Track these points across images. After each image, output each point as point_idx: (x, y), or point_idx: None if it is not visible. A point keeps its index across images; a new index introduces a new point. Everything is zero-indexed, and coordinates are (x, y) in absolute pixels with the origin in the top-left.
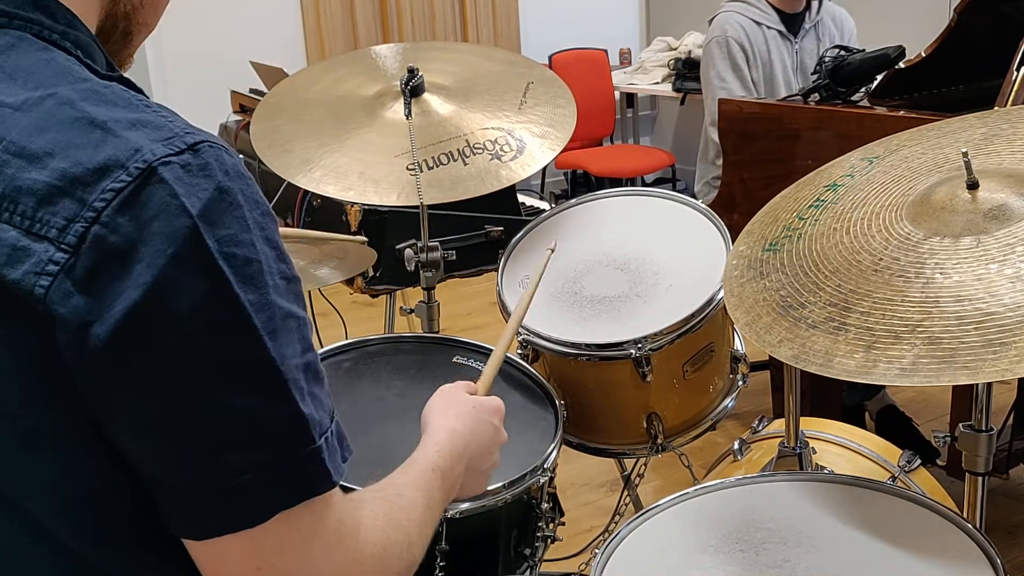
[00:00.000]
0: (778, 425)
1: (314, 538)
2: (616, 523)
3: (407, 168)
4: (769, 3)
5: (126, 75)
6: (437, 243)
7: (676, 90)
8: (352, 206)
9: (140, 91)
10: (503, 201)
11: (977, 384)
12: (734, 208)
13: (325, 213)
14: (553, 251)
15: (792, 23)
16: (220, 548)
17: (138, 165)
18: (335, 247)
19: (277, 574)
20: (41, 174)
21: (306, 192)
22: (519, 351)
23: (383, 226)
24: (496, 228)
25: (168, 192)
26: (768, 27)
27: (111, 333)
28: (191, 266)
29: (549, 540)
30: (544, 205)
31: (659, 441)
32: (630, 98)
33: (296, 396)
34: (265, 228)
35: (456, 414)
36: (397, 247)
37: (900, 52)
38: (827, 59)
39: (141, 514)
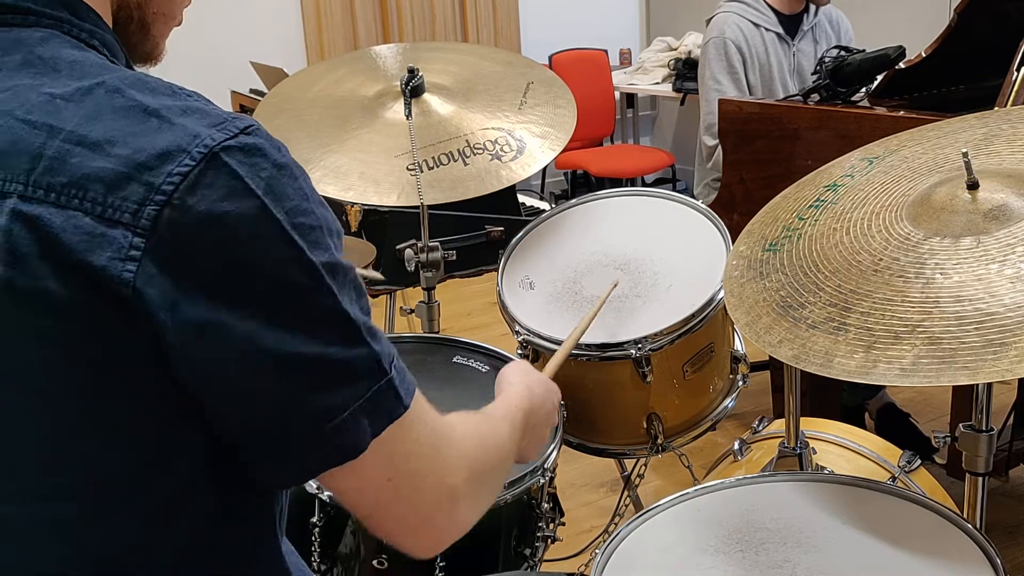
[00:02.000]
0: (778, 425)
1: (413, 444)
2: (616, 523)
3: (407, 168)
4: (768, 4)
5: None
6: (437, 243)
7: (676, 90)
8: (352, 206)
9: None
10: (503, 201)
11: (977, 384)
12: (734, 208)
13: None
14: (616, 286)
15: (790, 25)
16: (340, 476)
17: (200, 150)
18: None
19: (403, 477)
20: (107, 161)
21: None
22: (519, 351)
23: (383, 226)
24: (496, 228)
25: (231, 174)
26: (767, 29)
27: (200, 310)
28: (266, 240)
29: (549, 540)
30: (544, 205)
31: (659, 441)
32: (630, 98)
33: (368, 337)
34: (315, 192)
35: (534, 380)
36: (397, 247)
37: (900, 52)
38: (827, 59)
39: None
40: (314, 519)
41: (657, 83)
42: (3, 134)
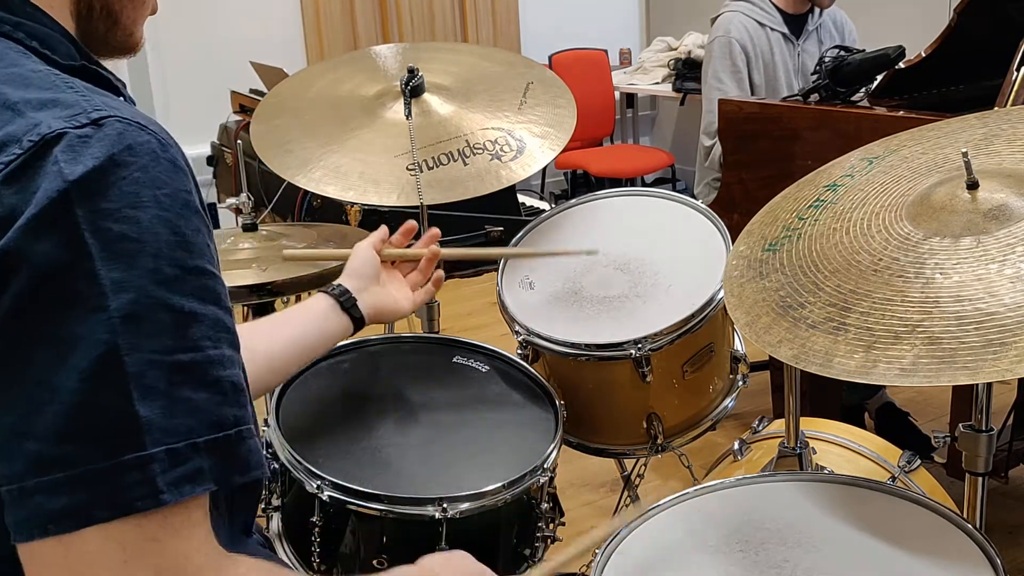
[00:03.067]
0: (778, 425)
1: (141, 563)
2: None
3: (407, 168)
4: (774, 4)
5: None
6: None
7: (676, 90)
8: (352, 206)
9: (116, 86)
10: (503, 201)
11: (977, 384)
12: (734, 208)
13: (325, 213)
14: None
15: (795, 25)
16: (33, 552)
17: (31, 139)
18: (332, 231)
19: None
20: None
21: (306, 192)
22: (519, 351)
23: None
24: (496, 228)
25: (52, 161)
26: (772, 29)
27: None
28: (50, 231)
29: (549, 540)
30: (544, 205)
31: (659, 441)
32: (630, 98)
33: (134, 392)
34: (168, 211)
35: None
36: None
37: (900, 52)
38: (827, 59)
39: None
40: (314, 519)
41: (657, 83)
42: None
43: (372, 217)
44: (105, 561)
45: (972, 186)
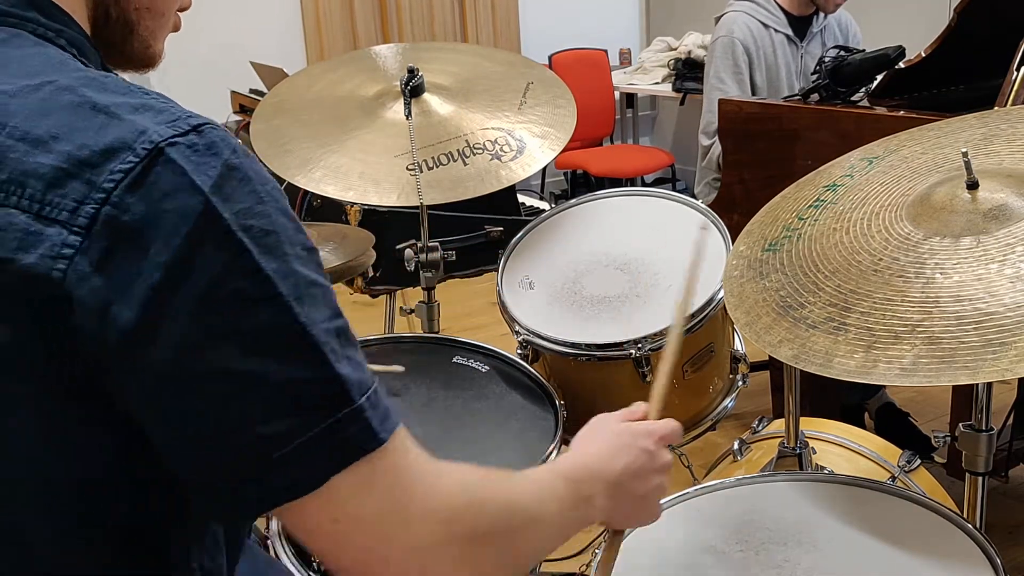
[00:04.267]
0: (778, 425)
1: (377, 488)
2: None
3: (407, 168)
4: (778, 5)
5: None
6: (437, 243)
7: (676, 90)
8: (352, 206)
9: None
10: (503, 201)
11: (977, 384)
12: (734, 208)
13: (325, 213)
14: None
15: (799, 27)
16: (291, 511)
17: (145, 146)
18: (333, 230)
19: (353, 522)
20: (47, 158)
21: (306, 192)
22: (519, 351)
23: (383, 226)
24: (496, 228)
25: (177, 171)
26: (776, 30)
27: (134, 314)
28: (208, 241)
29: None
30: (544, 205)
31: None
32: (630, 98)
33: (331, 358)
34: (279, 201)
35: (594, 440)
36: (397, 247)
37: (900, 52)
38: (827, 59)
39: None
40: None
41: (657, 83)
42: None
43: (372, 217)
44: (353, 498)
45: (972, 186)
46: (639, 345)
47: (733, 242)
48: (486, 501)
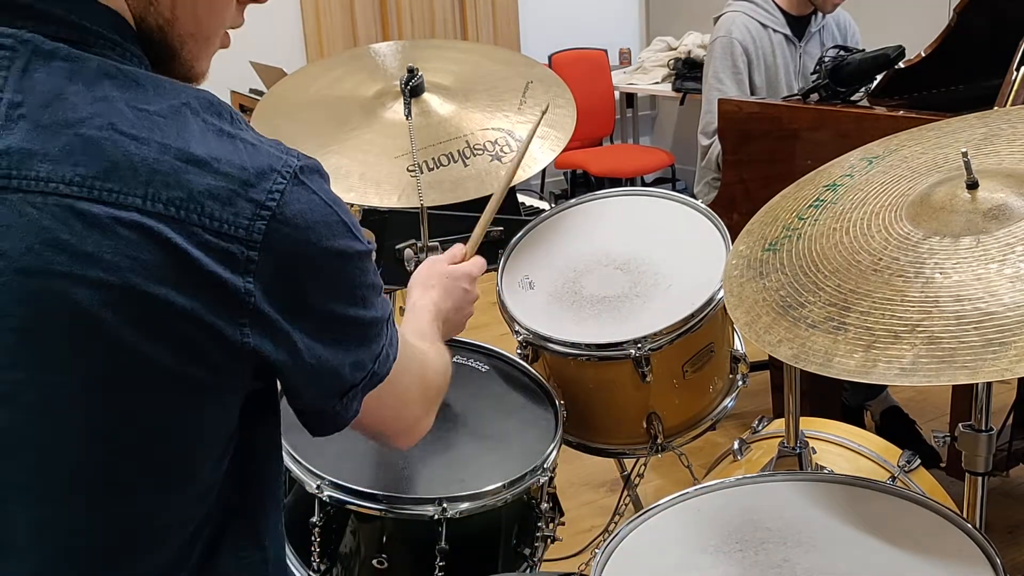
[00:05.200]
0: (778, 425)
1: (411, 373)
2: (616, 523)
3: (407, 169)
4: (777, 5)
5: None
6: (437, 243)
7: (676, 90)
8: (352, 206)
9: None
10: (503, 201)
11: (977, 384)
12: (734, 208)
13: None
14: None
15: (798, 27)
16: (371, 406)
17: (287, 169)
18: None
19: (413, 390)
20: (216, 179)
21: None
22: (519, 351)
23: (383, 226)
24: (496, 228)
25: (310, 190)
26: (775, 30)
27: (309, 303)
28: (346, 237)
29: (549, 540)
30: (544, 205)
31: (659, 441)
32: (630, 98)
33: (385, 295)
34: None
35: (432, 285)
36: (397, 247)
37: (900, 52)
38: (827, 59)
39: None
40: (314, 519)
41: (657, 83)
42: (111, 147)
43: (372, 217)
44: (400, 385)
45: (972, 186)
46: (639, 345)
47: (733, 242)
48: (432, 376)
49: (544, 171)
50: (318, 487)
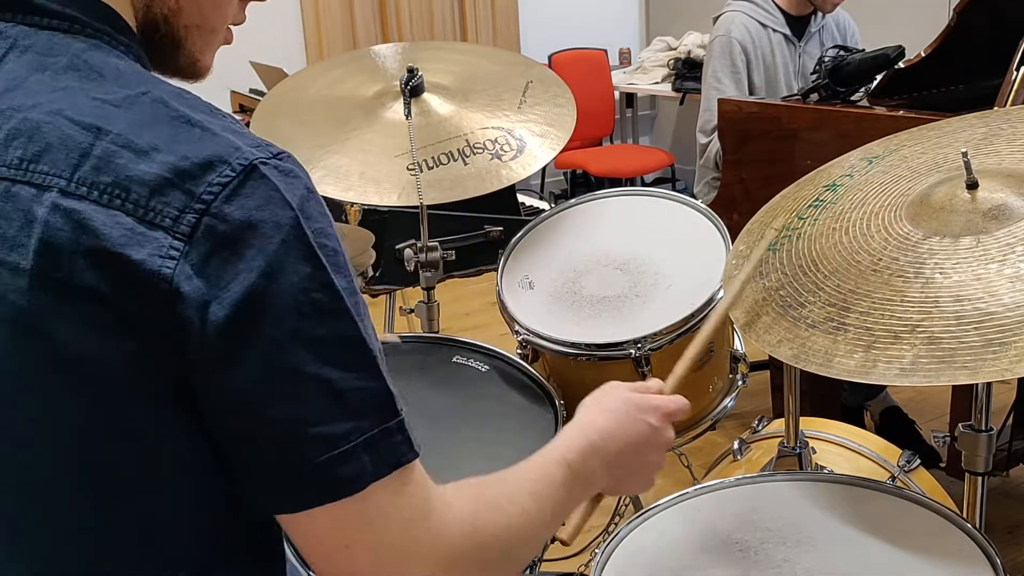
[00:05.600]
0: (778, 425)
1: (400, 511)
2: (616, 523)
3: (407, 168)
4: (776, 5)
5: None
6: (437, 243)
7: (676, 90)
8: (352, 206)
9: None
10: (503, 201)
11: (977, 384)
12: (734, 208)
13: None
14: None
15: (798, 27)
16: (312, 520)
17: (240, 161)
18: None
19: (365, 549)
20: (150, 166)
21: None
22: (519, 351)
23: (383, 226)
24: (496, 228)
25: (270, 187)
26: (774, 30)
27: (229, 312)
28: (296, 252)
29: (549, 540)
30: (544, 205)
31: None
32: (630, 98)
33: (383, 371)
34: (333, 223)
35: (603, 409)
36: (397, 247)
37: (900, 52)
38: (826, 59)
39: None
40: None
41: (656, 83)
42: (52, 131)
43: (372, 216)
44: (389, 506)
45: (972, 186)
46: (639, 345)
47: (733, 242)
48: (487, 539)
49: (544, 171)
50: None
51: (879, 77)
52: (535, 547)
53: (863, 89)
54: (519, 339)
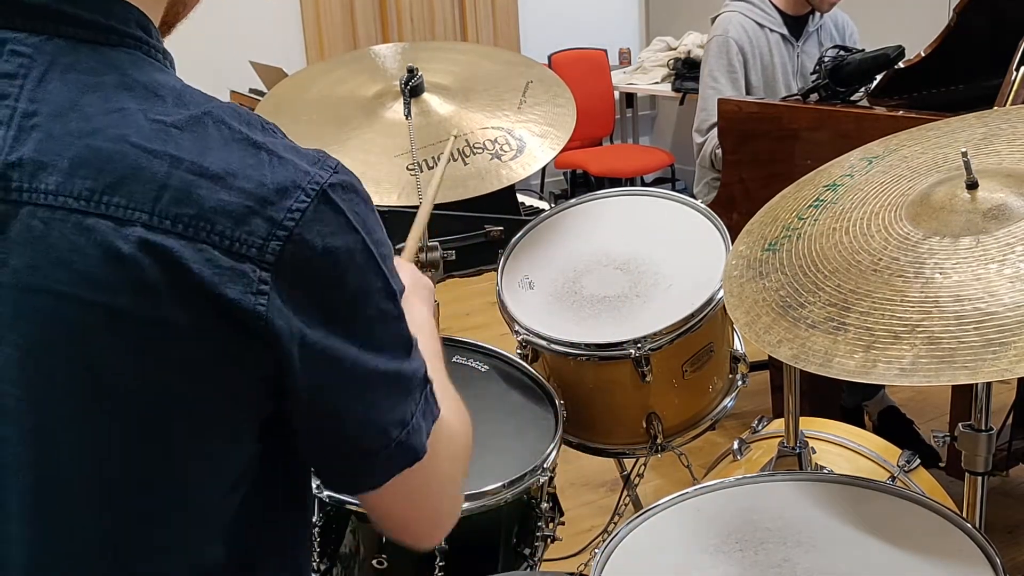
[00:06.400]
0: (778, 425)
1: (444, 447)
2: (616, 523)
3: (407, 168)
4: (773, 5)
5: None
6: (437, 243)
7: (675, 90)
8: None
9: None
10: (503, 201)
11: (976, 384)
12: (734, 208)
13: None
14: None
15: (795, 27)
16: (392, 484)
17: (313, 187)
18: None
19: (435, 488)
20: (230, 195)
21: None
22: (519, 351)
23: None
24: (496, 228)
25: (338, 211)
26: (771, 30)
27: (320, 340)
28: (368, 271)
29: (549, 540)
30: (544, 205)
31: (659, 441)
32: (629, 98)
33: (417, 351)
34: (381, 221)
35: (420, 299)
36: (396, 247)
37: (900, 52)
38: (826, 59)
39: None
40: (314, 519)
41: (656, 83)
42: (121, 160)
43: None
44: (438, 446)
45: (972, 186)
46: (639, 345)
47: (733, 242)
48: (465, 426)
49: (544, 171)
50: (318, 487)
51: (879, 77)
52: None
53: (863, 89)
54: (519, 339)
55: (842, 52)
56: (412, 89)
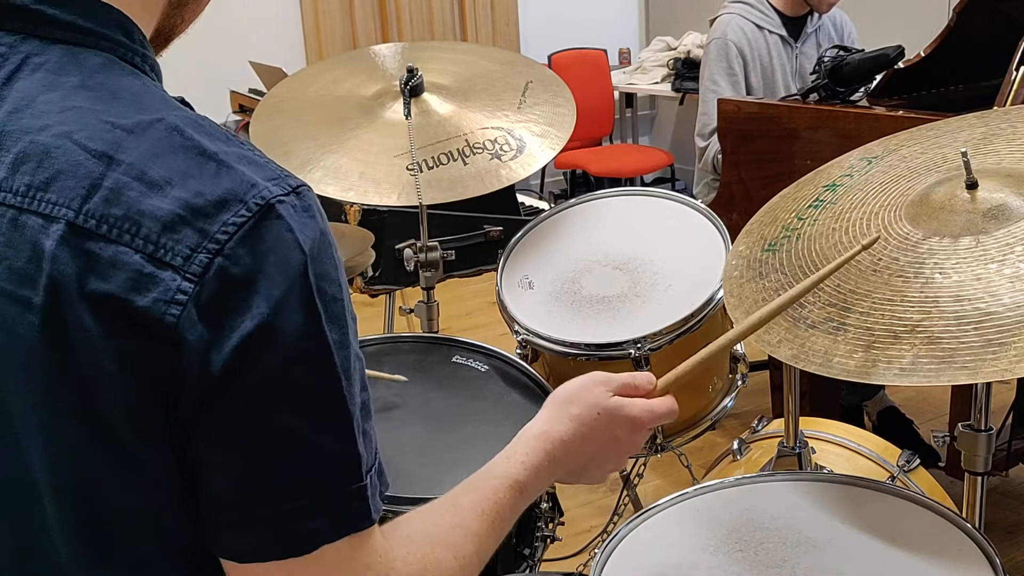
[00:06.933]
0: (777, 425)
1: (357, 567)
2: (615, 523)
3: (407, 168)
4: (772, 6)
5: None
6: (436, 243)
7: (675, 90)
8: (351, 206)
9: (189, 106)
10: (502, 201)
11: (976, 384)
12: (733, 208)
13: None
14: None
15: (794, 28)
16: (259, 572)
17: (256, 201)
18: (331, 230)
19: None
20: (163, 201)
21: None
22: (518, 351)
23: (382, 226)
24: (495, 228)
25: (285, 228)
26: (770, 31)
27: (226, 359)
28: (298, 300)
29: (548, 540)
30: (543, 205)
31: (658, 441)
32: (629, 98)
33: (356, 434)
34: (341, 266)
35: (572, 416)
36: (396, 247)
37: (899, 52)
38: (826, 59)
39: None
40: None
41: (656, 83)
42: (61, 156)
43: (371, 216)
44: (336, 571)
45: (971, 186)
46: (639, 345)
47: (733, 242)
48: (444, 560)
49: (543, 171)
50: None
51: (879, 77)
52: (478, 566)
53: (863, 89)
54: (519, 339)
55: (842, 52)
56: (412, 89)
